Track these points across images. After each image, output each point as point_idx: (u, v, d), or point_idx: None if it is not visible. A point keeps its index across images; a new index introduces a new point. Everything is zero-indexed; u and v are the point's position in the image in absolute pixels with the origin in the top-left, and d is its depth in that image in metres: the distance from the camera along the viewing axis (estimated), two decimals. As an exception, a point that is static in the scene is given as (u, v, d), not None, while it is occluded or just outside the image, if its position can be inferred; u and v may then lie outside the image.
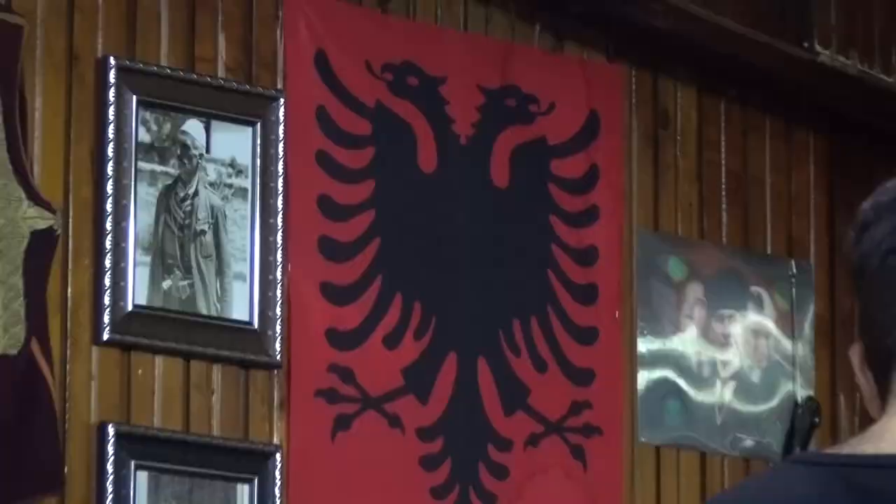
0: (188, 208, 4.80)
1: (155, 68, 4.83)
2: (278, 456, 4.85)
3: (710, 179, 5.62)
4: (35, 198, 4.55)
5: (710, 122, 5.64)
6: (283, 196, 4.93)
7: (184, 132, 4.82)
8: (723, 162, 5.65)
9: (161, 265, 4.77)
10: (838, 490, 2.29)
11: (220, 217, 4.84)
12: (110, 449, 4.64)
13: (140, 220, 4.73)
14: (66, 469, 4.59)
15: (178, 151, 4.82)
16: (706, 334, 5.55)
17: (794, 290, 5.70)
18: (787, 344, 5.65)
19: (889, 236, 2.43)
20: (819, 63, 5.50)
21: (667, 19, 5.33)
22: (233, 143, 4.88)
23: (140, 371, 4.73)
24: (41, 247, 4.55)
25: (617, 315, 5.39)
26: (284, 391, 4.90)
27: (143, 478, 4.72)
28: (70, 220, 4.67)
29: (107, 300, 4.69)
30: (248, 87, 4.93)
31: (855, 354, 2.44)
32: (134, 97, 4.77)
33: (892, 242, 2.42)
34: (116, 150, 4.72)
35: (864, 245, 2.43)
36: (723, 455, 5.53)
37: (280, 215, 4.92)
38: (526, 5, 5.35)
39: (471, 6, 5.28)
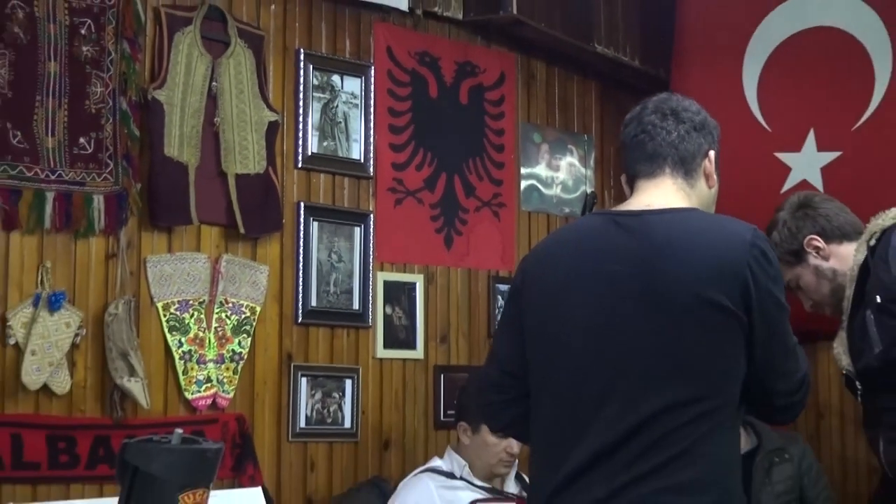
0: (334, 111, 4.80)
1: (319, 52, 4.78)
2: (371, 216, 4.87)
3: (549, 100, 5.57)
4: (270, 107, 4.54)
5: (551, 77, 5.60)
6: (373, 109, 4.93)
7: (332, 80, 4.81)
8: (556, 93, 5.60)
9: (322, 136, 4.77)
10: (611, 224, 2.58)
11: (348, 116, 4.84)
12: (301, 212, 4.66)
13: (314, 116, 4.74)
14: (283, 220, 4.59)
15: (330, 88, 4.80)
16: (549, 165, 5.52)
17: (586, 146, 5.64)
18: (583, 169, 5.62)
19: (631, 129, 2.72)
20: (596, 52, 5.46)
21: (533, 33, 5.29)
22: (353, 85, 4.86)
23: (314, 180, 4.72)
24: (272, 129, 4.54)
25: (512, 157, 5.40)
26: (374, 188, 4.91)
27: (314, 225, 4.68)
28: (284, 116, 4.63)
29: (300, 151, 4.68)
30: (359, 61, 4.91)
31: (623, 179, 2.84)
32: (311, 65, 4.74)
33: (627, 134, 2.81)
34: (304, 88, 4.70)
35: (622, 134, 2.84)
36: (556, 216, 5.49)
37: (372, 117, 4.91)
38: (475, 29, 5.28)
39: (451, 28, 5.22)
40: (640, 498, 2.39)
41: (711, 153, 2.70)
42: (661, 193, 2.63)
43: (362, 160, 4.90)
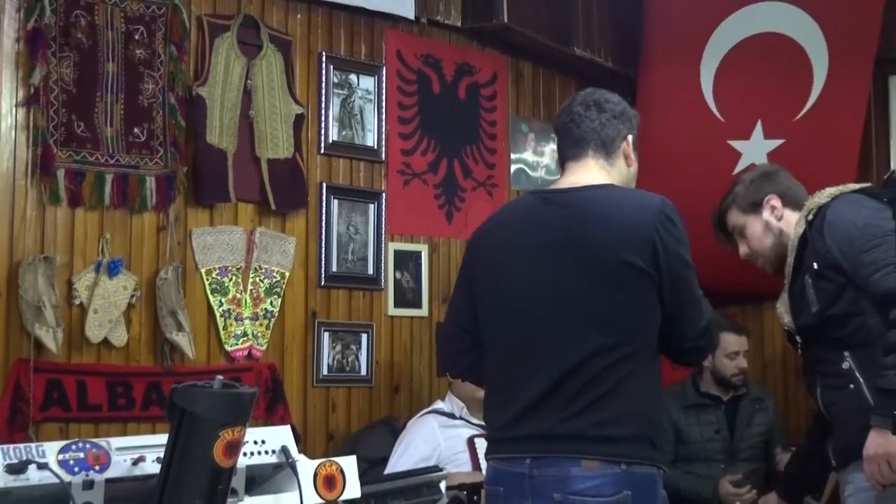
0: (351, 105, 4.77)
1: (338, 55, 4.73)
2: (384, 194, 4.84)
3: (535, 96, 5.52)
4: (296, 101, 4.51)
5: (536, 76, 5.54)
6: (385, 102, 4.88)
7: (349, 79, 4.77)
8: (541, 90, 5.55)
9: (341, 126, 4.72)
10: (539, 201, 2.61)
11: (363, 110, 4.80)
12: (324, 192, 4.61)
13: (334, 109, 4.69)
14: (308, 198, 4.55)
15: (348, 85, 4.76)
16: (535, 151, 5.48)
17: (563, 134, 5.71)
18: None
19: (562, 119, 2.71)
20: (575, 54, 5.42)
21: (522, 38, 5.25)
22: (367, 83, 4.82)
23: (334, 164, 4.68)
24: (299, 120, 4.51)
25: (503, 144, 5.35)
26: (385, 171, 4.87)
27: (335, 203, 4.63)
28: (308, 110, 4.58)
29: (322, 138, 4.64)
30: (372, 62, 4.85)
31: (556, 162, 2.81)
32: (332, 66, 4.69)
33: (559, 122, 2.81)
34: (326, 85, 4.66)
35: (555, 123, 2.81)
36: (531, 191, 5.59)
37: (384, 109, 4.87)
38: (471, 35, 5.23)
39: (451, 34, 5.18)
40: (579, 429, 2.44)
41: (630, 137, 2.74)
42: (585, 173, 2.65)
43: (375, 147, 4.87)
